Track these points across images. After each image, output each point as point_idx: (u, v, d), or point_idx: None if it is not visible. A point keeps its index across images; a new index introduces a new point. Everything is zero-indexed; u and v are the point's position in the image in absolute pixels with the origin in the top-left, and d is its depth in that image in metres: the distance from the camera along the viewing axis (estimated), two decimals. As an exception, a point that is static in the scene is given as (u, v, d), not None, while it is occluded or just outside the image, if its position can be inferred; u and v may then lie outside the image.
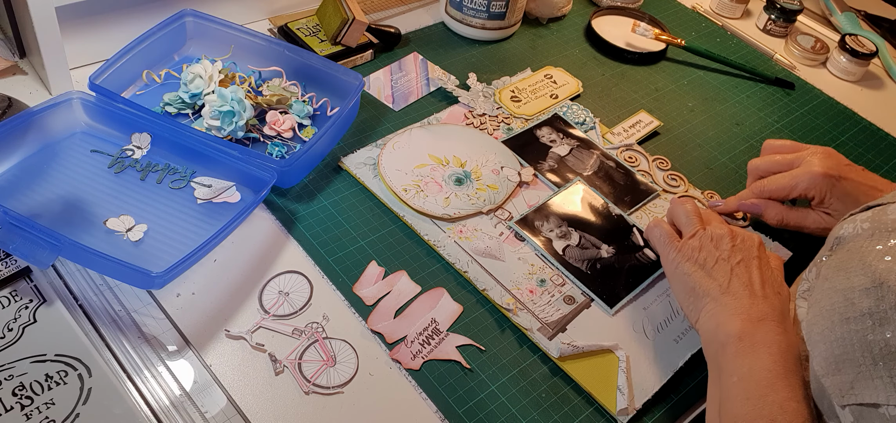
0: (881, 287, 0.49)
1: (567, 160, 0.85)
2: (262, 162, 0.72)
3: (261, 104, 0.81)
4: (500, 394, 0.62)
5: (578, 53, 1.05)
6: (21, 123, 0.71)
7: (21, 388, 0.56)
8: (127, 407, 0.56)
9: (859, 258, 0.53)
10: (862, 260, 0.52)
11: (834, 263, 0.55)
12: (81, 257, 0.62)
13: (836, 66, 1.12)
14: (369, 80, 0.91)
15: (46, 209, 0.68)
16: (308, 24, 0.94)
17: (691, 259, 0.66)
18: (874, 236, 0.53)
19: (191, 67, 0.81)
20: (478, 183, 0.79)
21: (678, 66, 1.08)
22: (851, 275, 0.52)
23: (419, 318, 0.65)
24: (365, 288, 0.67)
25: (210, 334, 0.62)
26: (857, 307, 0.50)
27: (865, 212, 0.56)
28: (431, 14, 1.06)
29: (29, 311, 0.61)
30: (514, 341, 0.66)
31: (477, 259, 0.72)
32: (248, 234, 0.70)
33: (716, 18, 1.20)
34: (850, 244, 0.55)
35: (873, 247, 0.52)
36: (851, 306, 0.51)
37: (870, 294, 0.50)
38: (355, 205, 0.75)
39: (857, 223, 0.55)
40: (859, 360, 0.49)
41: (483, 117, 0.89)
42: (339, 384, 0.60)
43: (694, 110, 0.99)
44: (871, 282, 0.50)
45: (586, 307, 0.69)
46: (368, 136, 0.83)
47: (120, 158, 0.74)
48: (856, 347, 0.50)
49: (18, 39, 0.82)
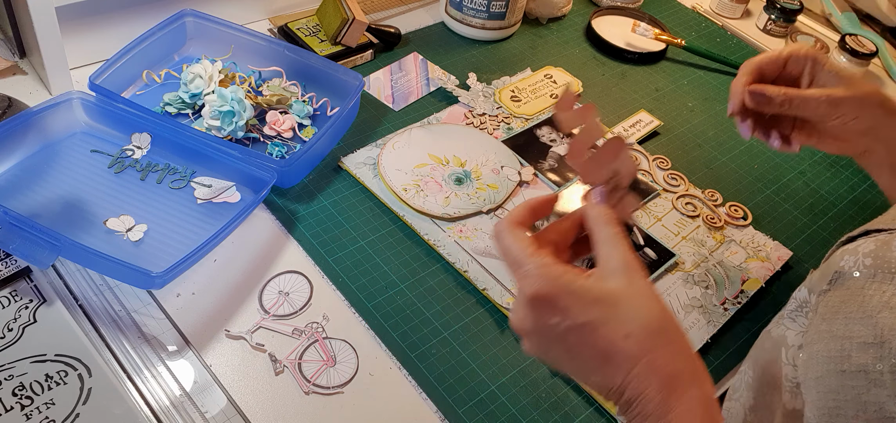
0: (882, 346, 0.46)
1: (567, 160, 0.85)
2: (262, 162, 0.72)
3: (261, 104, 0.81)
4: (501, 394, 0.62)
5: (578, 53, 1.05)
6: (21, 123, 0.71)
7: (21, 388, 0.56)
8: (127, 407, 0.56)
9: (859, 304, 0.49)
10: (862, 307, 0.49)
11: (833, 301, 0.52)
12: (81, 257, 0.62)
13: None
14: (369, 80, 0.91)
15: (46, 209, 0.68)
16: (308, 24, 0.94)
17: (551, 365, 0.53)
18: (877, 278, 0.49)
19: (191, 67, 0.81)
20: (478, 182, 0.79)
21: (678, 66, 1.08)
22: (851, 323, 0.49)
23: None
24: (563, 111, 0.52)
25: (210, 334, 0.62)
26: (854, 361, 0.48)
27: (867, 240, 0.53)
28: (431, 14, 1.06)
29: (29, 311, 0.60)
30: (513, 342, 0.66)
31: (477, 259, 0.72)
32: (248, 234, 0.70)
33: (716, 18, 1.20)
34: (850, 284, 0.51)
35: (875, 292, 0.49)
36: (848, 359, 0.48)
37: (868, 350, 0.47)
38: (355, 205, 0.75)
39: (859, 257, 0.52)
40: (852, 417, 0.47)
41: (483, 117, 0.89)
42: (339, 384, 0.60)
43: (694, 110, 0.99)
44: (872, 337, 0.47)
45: (586, 307, 0.69)
46: (368, 136, 0.83)
47: (120, 158, 0.74)
48: (849, 403, 0.47)
49: (18, 39, 0.82)
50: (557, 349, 0.46)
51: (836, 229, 0.84)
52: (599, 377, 0.45)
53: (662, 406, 0.43)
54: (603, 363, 0.44)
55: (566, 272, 0.44)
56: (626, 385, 0.44)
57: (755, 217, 0.82)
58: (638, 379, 0.43)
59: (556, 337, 0.45)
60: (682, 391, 0.43)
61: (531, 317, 0.45)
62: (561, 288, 0.44)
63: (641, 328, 0.43)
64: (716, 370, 0.67)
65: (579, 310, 0.44)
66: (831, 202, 0.88)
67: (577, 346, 0.45)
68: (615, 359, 0.43)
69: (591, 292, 0.44)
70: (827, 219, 0.86)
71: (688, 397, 0.43)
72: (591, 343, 0.44)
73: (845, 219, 0.86)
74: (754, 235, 0.80)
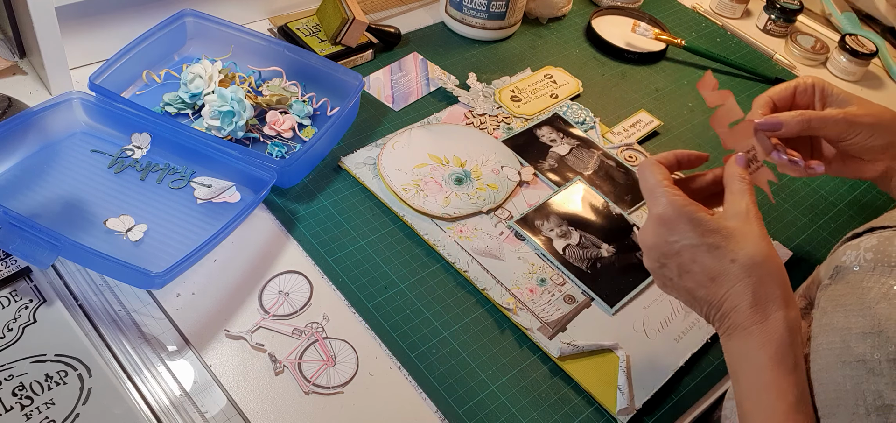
0: (880, 335, 0.48)
1: (567, 160, 0.85)
2: (262, 162, 0.72)
3: (261, 104, 0.81)
4: (500, 394, 0.62)
5: (578, 53, 1.05)
6: (21, 123, 0.71)
7: (21, 388, 0.56)
8: (127, 407, 0.56)
9: (858, 297, 0.51)
10: (861, 299, 0.50)
11: (833, 294, 0.53)
12: (81, 257, 0.62)
13: (837, 66, 1.12)
14: (369, 80, 0.91)
15: (46, 209, 0.68)
16: (308, 24, 0.94)
17: (660, 284, 0.59)
18: (876, 271, 0.51)
19: (191, 67, 0.81)
20: (478, 182, 0.79)
21: (678, 66, 1.08)
22: (850, 314, 0.51)
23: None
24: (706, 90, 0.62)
25: (210, 334, 0.62)
26: (854, 352, 0.49)
27: (870, 236, 0.54)
28: (431, 14, 1.06)
29: (29, 311, 0.60)
30: (514, 341, 0.66)
31: (477, 259, 0.72)
32: (248, 234, 0.70)
33: (716, 18, 1.20)
34: (850, 278, 0.53)
35: (874, 284, 0.50)
36: (848, 350, 0.50)
37: (866, 340, 0.49)
38: (355, 205, 0.75)
39: (861, 252, 0.53)
40: (852, 407, 0.48)
41: (483, 117, 0.89)
42: (339, 384, 0.60)
43: (694, 110, 0.99)
44: (870, 327, 0.49)
45: (586, 307, 0.69)
46: (368, 136, 0.83)
47: (120, 158, 0.74)
48: (850, 393, 0.49)
49: (18, 39, 0.82)
50: (671, 264, 0.55)
51: (836, 229, 0.84)
52: (704, 292, 0.54)
53: (751, 318, 0.52)
54: (709, 280, 0.53)
55: (690, 204, 0.54)
56: (724, 299, 0.53)
57: (755, 217, 0.82)
58: (736, 295, 0.52)
59: (672, 253, 0.55)
60: (772, 310, 0.52)
61: (654, 234, 0.55)
62: (684, 215, 0.54)
63: (747, 257, 0.52)
64: (716, 369, 0.67)
65: (696, 235, 0.53)
66: (831, 202, 0.88)
67: (688, 262, 0.54)
68: (719, 278, 0.53)
69: (710, 224, 0.53)
70: (827, 219, 0.86)
71: (775, 317, 0.51)
72: (701, 262, 0.53)
73: (845, 219, 0.86)
74: (754, 235, 0.80)
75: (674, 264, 0.55)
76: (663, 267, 0.56)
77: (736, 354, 0.53)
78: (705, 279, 0.54)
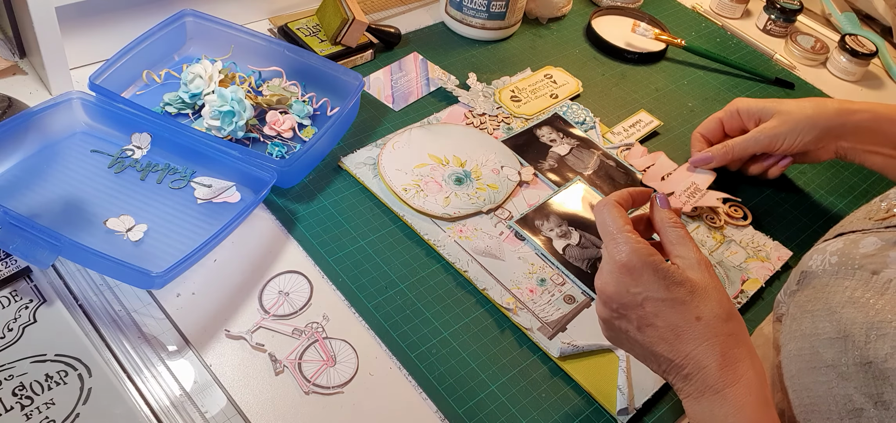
0: (846, 340, 0.48)
1: (567, 160, 0.85)
2: (262, 162, 0.72)
3: (261, 104, 0.81)
4: (500, 394, 0.62)
5: (578, 53, 1.05)
6: (21, 123, 0.71)
7: (21, 388, 0.56)
8: (127, 407, 0.56)
9: (824, 301, 0.51)
10: (826, 304, 0.50)
11: (801, 300, 0.54)
12: (81, 257, 0.62)
13: (836, 66, 1.12)
14: (369, 80, 0.91)
15: (46, 209, 0.68)
16: (308, 24, 0.94)
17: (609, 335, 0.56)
18: (840, 275, 0.50)
19: (191, 67, 0.81)
20: (478, 182, 0.79)
21: (678, 66, 1.08)
22: (817, 320, 0.51)
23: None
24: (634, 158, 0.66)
25: (210, 334, 0.62)
26: (822, 357, 0.49)
27: (837, 240, 0.54)
28: (431, 14, 1.06)
29: (29, 311, 0.60)
30: (514, 341, 0.66)
31: (477, 259, 0.72)
32: (248, 234, 0.70)
33: (716, 18, 1.20)
34: (816, 283, 0.53)
35: (838, 288, 0.50)
36: (817, 356, 0.50)
37: (834, 345, 0.48)
38: (355, 205, 0.75)
39: (827, 256, 0.53)
40: (826, 412, 0.48)
41: (483, 117, 0.89)
42: (339, 384, 0.60)
43: (694, 110, 0.99)
44: (837, 332, 0.48)
45: (586, 307, 0.69)
46: (368, 136, 0.83)
47: (120, 158, 0.74)
48: (823, 398, 0.49)
49: (18, 39, 0.82)
50: (632, 315, 0.52)
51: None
52: (666, 348, 0.51)
53: (722, 380, 0.49)
54: (673, 336, 0.50)
55: (654, 253, 0.51)
56: (689, 359, 0.50)
57: (755, 217, 0.82)
58: (702, 354, 0.49)
59: (634, 304, 0.51)
60: (742, 370, 0.49)
61: (615, 282, 0.52)
62: (649, 264, 0.50)
63: (712, 315, 0.50)
64: (716, 369, 0.67)
65: (662, 287, 0.50)
66: (831, 202, 0.88)
67: (651, 316, 0.51)
68: (684, 335, 0.50)
69: (675, 276, 0.50)
70: (827, 219, 0.86)
71: (747, 376, 0.49)
72: (664, 316, 0.50)
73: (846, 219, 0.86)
74: (754, 235, 0.80)
75: (634, 316, 0.52)
76: (621, 318, 0.53)
77: (707, 416, 0.50)
78: (669, 335, 0.51)
